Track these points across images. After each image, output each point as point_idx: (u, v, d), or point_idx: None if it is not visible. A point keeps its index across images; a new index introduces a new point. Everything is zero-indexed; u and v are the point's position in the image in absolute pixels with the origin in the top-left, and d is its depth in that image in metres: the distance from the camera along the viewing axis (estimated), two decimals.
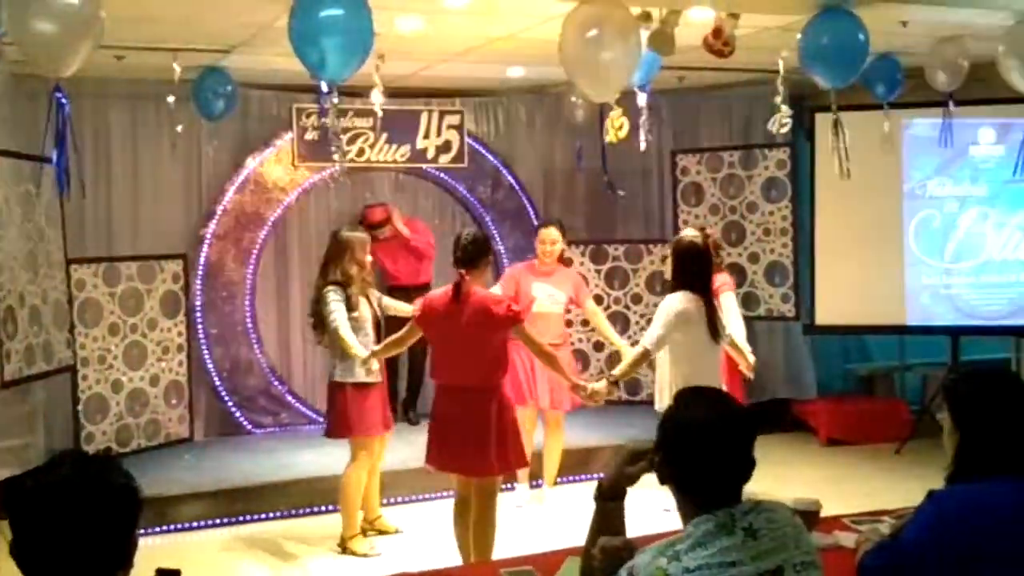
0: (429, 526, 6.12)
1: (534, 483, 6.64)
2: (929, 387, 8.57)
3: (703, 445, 2.24)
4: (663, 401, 5.27)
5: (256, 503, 6.51)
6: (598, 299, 8.64)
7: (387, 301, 6.11)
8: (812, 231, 8.09)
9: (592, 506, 2.53)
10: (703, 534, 2.17)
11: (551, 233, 6.49)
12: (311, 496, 6.59)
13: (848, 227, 7.95)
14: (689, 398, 2.38)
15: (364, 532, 5.97)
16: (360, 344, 5.54)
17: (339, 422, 5.73)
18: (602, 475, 2.59)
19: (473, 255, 4.90)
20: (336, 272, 5.72)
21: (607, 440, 7.30)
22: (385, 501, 6.35)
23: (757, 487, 2.33)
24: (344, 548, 5.84)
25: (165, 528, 6.22)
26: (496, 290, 6.10)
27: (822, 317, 8.08)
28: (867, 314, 8.02)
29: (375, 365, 5.61)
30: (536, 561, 3.17)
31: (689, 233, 5.49)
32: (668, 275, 5.57)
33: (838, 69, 5.12)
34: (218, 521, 6.38)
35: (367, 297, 5.84)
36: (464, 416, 4.81)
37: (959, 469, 2.58)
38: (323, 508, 6.54)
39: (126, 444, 7.25)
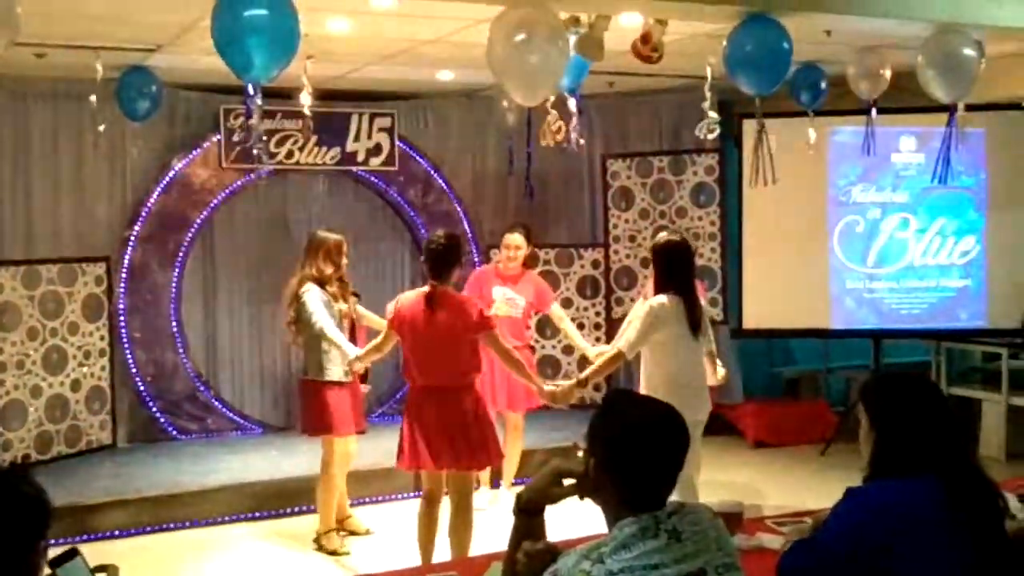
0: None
1: (495, 483, 6.66)
2: (853, 389, 8.72)
3: (640, 447, 2.22)
4: None
5: (181, 510, 6.39)
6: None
7: (362, 310, 6.11)
8: (739, 236, 8.18)
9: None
10: (627, 536, 2.16)
11: (515, 239, 6.48)
12: (237, 502, 6.50)
13: (775, 232, 8.05)
14: (623, 401, 2.37)
15: (336, 532, 5.93)
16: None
17: (319, 420, 5.72)
18: (524, 486, 2.54)
19: (445, 263, 4.92)
20: (312, 268, 5.73)
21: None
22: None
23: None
24: (320, 545, 5.85)
25: (86, 537, 6.03)
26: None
27: (749, 321, 8.18)
28: (793, 318, 8.13)
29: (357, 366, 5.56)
30: (461, 566, 3.16)
31: (663, 235, 5.47)
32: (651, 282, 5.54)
33: (762, 76, 5.17)
34: (142, 530, 6.25)
35: (344, 299, 5.85)
36: (441, 414, 4.87)
37: (876, 469, 2.63)
38: (249, 515, 6.47)
39: (46, 451, 7.08)
